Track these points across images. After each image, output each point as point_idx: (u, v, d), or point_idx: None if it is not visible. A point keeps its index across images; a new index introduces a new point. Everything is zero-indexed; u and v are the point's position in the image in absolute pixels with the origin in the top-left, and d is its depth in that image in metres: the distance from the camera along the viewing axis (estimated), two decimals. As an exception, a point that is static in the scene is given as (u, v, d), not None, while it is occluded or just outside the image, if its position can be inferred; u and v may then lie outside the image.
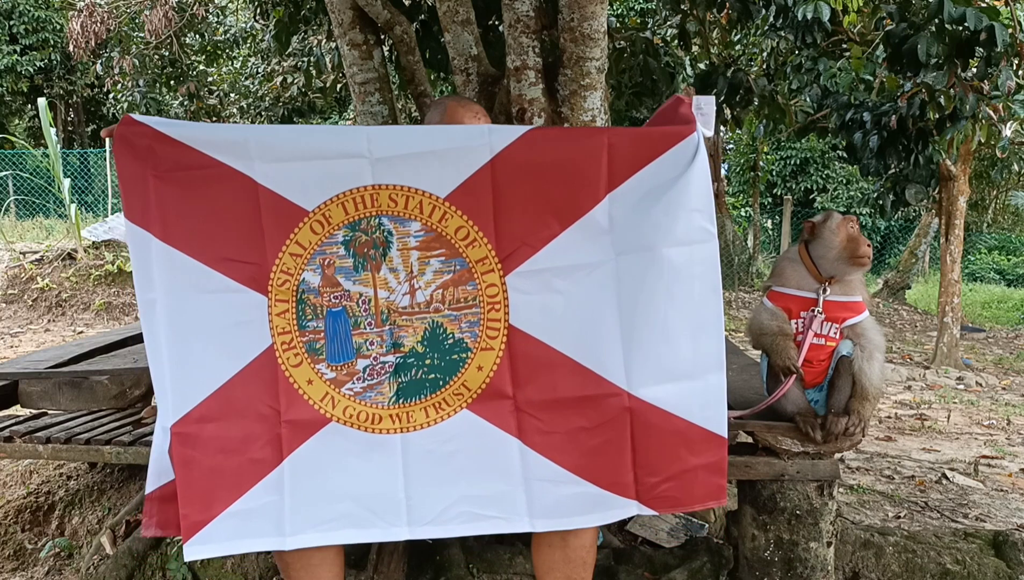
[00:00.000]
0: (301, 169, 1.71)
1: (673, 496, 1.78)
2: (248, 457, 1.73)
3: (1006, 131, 6.71)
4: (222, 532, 1.72)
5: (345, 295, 1.75)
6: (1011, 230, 18.32)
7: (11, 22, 15.94)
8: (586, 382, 1.75)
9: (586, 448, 1.76)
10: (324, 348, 1.76)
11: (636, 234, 1.73)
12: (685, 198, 1.70)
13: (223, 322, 1.73)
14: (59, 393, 2.51)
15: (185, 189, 1.70)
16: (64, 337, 7.24)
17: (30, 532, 2.87)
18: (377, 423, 1.77)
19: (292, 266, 1.73)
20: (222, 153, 1.69)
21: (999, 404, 5.93)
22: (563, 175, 1.73)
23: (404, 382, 1.77)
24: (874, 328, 2.08)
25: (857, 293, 2.09)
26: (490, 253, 1.74)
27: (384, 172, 1.71)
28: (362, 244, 1.74)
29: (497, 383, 1.77)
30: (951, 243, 7.26)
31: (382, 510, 1.76)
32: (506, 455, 1.77)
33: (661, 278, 1.72)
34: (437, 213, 1.73)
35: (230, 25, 8.65)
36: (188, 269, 1.70)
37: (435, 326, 1.76)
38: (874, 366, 2.03)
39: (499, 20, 3.58)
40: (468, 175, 1.71)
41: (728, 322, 9.29)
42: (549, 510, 1.77)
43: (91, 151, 15.56)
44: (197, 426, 1.71)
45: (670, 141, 1.72)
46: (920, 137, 4.43)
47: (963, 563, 2.43)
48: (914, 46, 3.43)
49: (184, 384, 1.73)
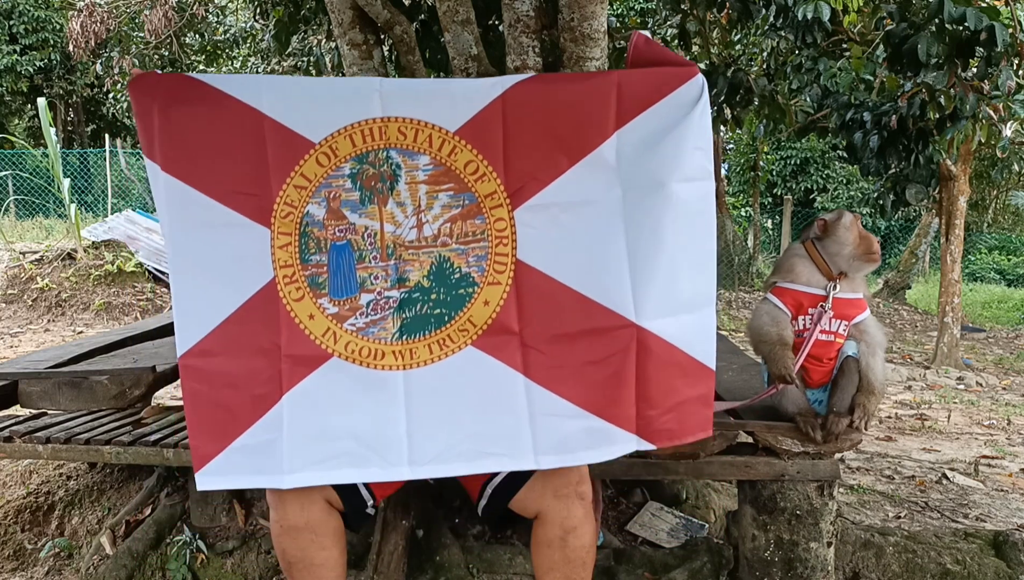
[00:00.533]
0: (309, 101, 1.71)
1: (670, 429, 1.79)
2: (251, 392, 1.73)
3: (1006, 131, 6.70)
4: (228, 466, 1.72)
5: (350, 228, 1.73)
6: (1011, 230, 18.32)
7: (11, 22, 15.95)
8: (594, 315, 1.75)
9: (592, 381, 1.76)
10: (327, 282, 1.74)
11: (643, 170, 1.75)
12: (689, 136, 1.74)
13: (226, 255, 1.72)
14: (59, 393, 2.50)
15: (189, 120, 1.70)
16: (64, 337, 7.24)
17: (30, 532, 2.87)
18: (379, 359, 1.74)
19: (296, 198, 1.71)
20: (230, 87, 1.70)
21: (999, 404, 5.93)
22: (573, 112, 1.74)
23: (408, 317, 1.74)
24: (876, 326, 2.11)
25: (861, 290, 2.13)
26: (499, 188, 1.74)
27: (394, 104, 1.70)
28: (369, 177, 1.73)
29: (503, 318, 1.75)
30: (951, 243, 7.26)
31: (383, 448, 1.73)
32: (512, 391, 1.75)
33: (667, 213, 1.74)
34: (447, 147, 1.72)
35: (230, 25, 8.65)
36: (193, 201, 1.70)
37: (442, 260, 1.75)
38: (878, 361, 2.07)
39: (499, 20, 3.58)
40: (478, 109, 1.71)
41: (728, 322, 9.28)
42: (555, 446, 1.75)
43: (91, 151, 15.56)
44: (202, 359, 1.72)
45: (677, 81, 1.75)
46: (920, 137, 4.43)
47: (963, 563, 2.43)
48: (914, 46, 3.43)
49: (190, 317, 1.73)
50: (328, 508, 1.84)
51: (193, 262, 1.72)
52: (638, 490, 2.86)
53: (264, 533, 2.54)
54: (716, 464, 2.20)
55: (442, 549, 2.42)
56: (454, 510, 2.59)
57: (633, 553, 2.48)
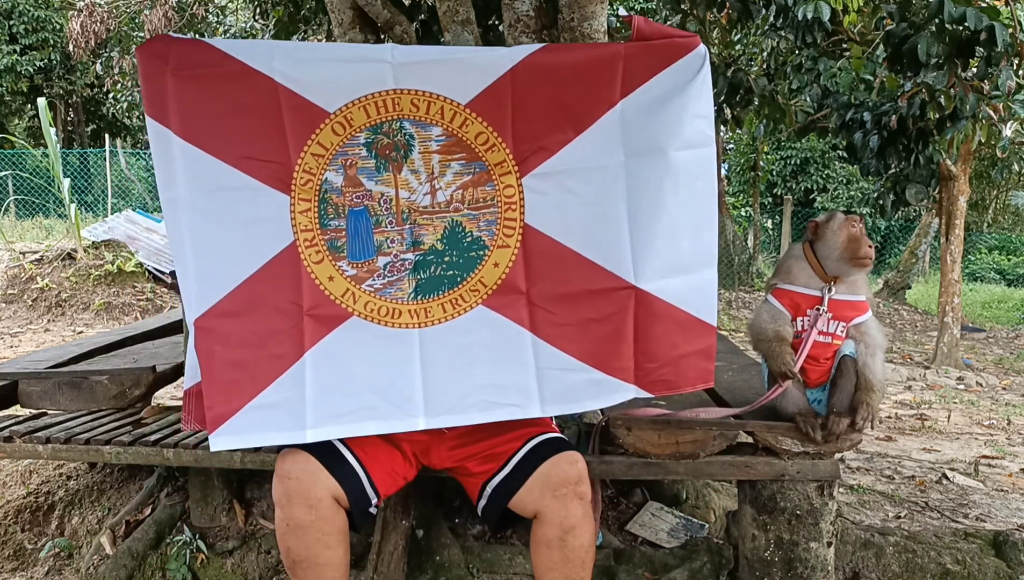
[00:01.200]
0: (323, 70, 1.75)
1: (668, 380, 1.89)
2: (269, 351, 1.78)
3: (1006, 131, 6.71)
4: (245, 425, 1.77)
5: (367, 195, 1.81)
6: (1011, 230, 18.33)
7: (11, 22, 15.95)
8: (596, 277, 1.85)
9: (593, 337, 1.86)
10: (345, 246, 1.81)
11: (646, 137, 1.82)
12: (691, 104, 1.81)
13: (245, 218, 1.77)
14: (59, 393, 2.50)
15: (204, 87, 1.73)
16: (64, 337, 7.24)
17: (30, 532, 2.87)
18: (396, 318, 1.83)
19: (314, 166, 1.77)
20: (243, 54, 1.73)
21: (999, 404, 5.93)
22: (579, 82, 1.80)
23: (423, 279, 1.83)
24: (877, 327, 2.11)
25: (862, 292, 2.12)
26: (508, 157, 1.82)
27: (406, 76, 1.76)
28: (384, 146, 1.79)
29: (512, 279, 1.85)
30: (951, 243, 7.26)
31: (400, 401, 1.81)
32: (520, 346, 1.85)
33: (668, 179, 1.82)
34: (458, 119, 1.79)
35: (230, 25, 8.65)
36: (209, 166, 1.74)
37: (454, 224, 1.83)
38: (877, 361, 2.07)
39: (499, 20, 3.57)
40: (489, 83, 1.77)
41: (728, 322, 9.28)
42: (559, 396, 1.86)
43: (91, 151, 15.56)
44: (219, 320, 1.76)
45: (680, 52, 1.81)
46: (920, 137, 4.44)
47: (963, 563, 2.43)
48: (914, 46, 3.43)
49: (207, 279, 1.77)
50: (335, 506, 1.84)
51: (210, 226, 1.76)
52: (638, 490, 2.86)
53: (264, 533, 2.54)
54: (716, 464, 2.20)
55: (442, 549, 2.42)
56: (454, 510, 2.59)
57: (633, 553, 2.48)
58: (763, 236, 16.21)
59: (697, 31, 4.69)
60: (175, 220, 1.76)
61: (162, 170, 1.76)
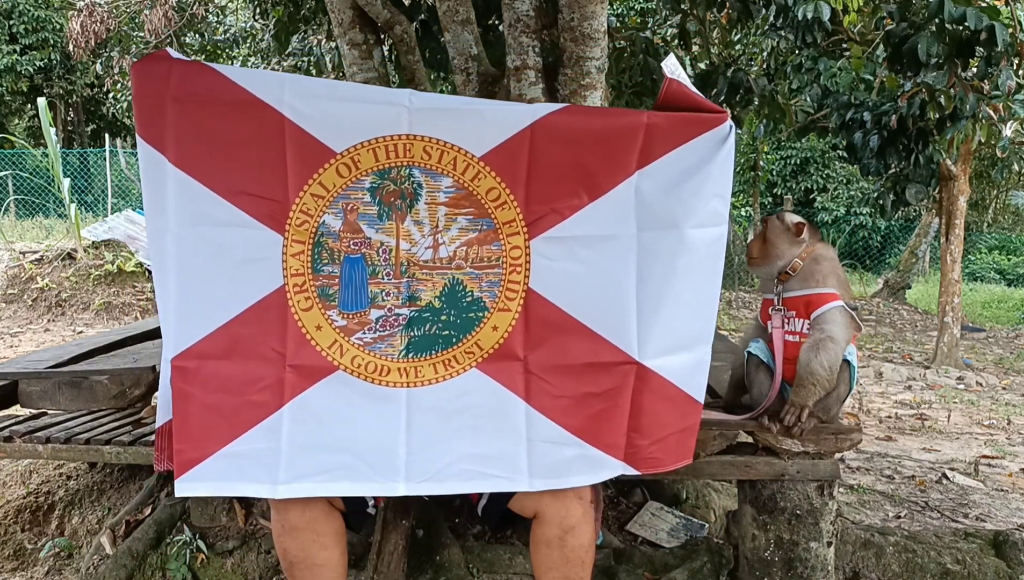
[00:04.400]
0: (334, 108, 1.67)
1: (656, 458, 1.84)
2: (247, 398, 1.70)
3: (1006, 131, 6.70)
4: (215, 472, 1.70)
5: (366, 242, 1.73)
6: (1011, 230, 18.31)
7: (11, 22, 15.95)
8: (598, 349, 1.78)
9: (589, 412, 1.79)
10: (337, 294, 1.73)
11: (660, 212, 1.76)
12: (709, 183, 1.76)
13: (234, 257, 1.69)
14: (59, 393, 2.50)
15: (206, 115, 1.65)
16: (64, 337, 7.24)
17: (30, 532, 2.87)
18: (384, 375, 1.74)
19: (313, 207, 1.69)
20: (251, 84, 1.65)
21: (999, 404, 5.93)
22: (599, 148, 1.74)
23: (416, 336, 1.75)
24: (835, 321, 2.06)
25: (823, 284, 2.10)
26: (518, 216, 1.75)
27: (422, 122, 1.68)
28: (389, 193, 1.71)
29: (510, 344, 1.77)
30: (951, 243, 7.25)
31: (380, 464, 1.74)
32: (512, 415, 1.77)
33: (679, 256, 1.76)
34: (471, 171, 1.72)
35: (230, 25, 8.64)
36: (202, 199, 1.66)
37: (455, 282, 1.76)
38: (820, 355, 2.03)
39: (499, 20, 3.57)
40: (507, 137, 1.70)
41: (728, 322, 9.29)
42: (548, 470, 1.79)
43: (91, 151, 15.57)
44: (198, 361, 1.69)
45: (704, 126, 1.75)
46: (920, 137, 4.43)
47: (963, 563, 2.43)
48: (914, 46, 3.43)
49: (188, 316, 1.69)
50: (329, 508, 1.84)
51: (196, 260, 1.68)
52: (638, 490, 2.86)
53: (264, 533, 2.54)
54: (716, 464, 2.20)
55: (442, 549, 2.42)
56: (454, 510, 2.59)
57: (633, 553, 2.48)
58: (763, 236, 16.20)
59: (697, 31, 4.69)
60: (161, 251, 1.68)
61: (151, 196, 1.67)
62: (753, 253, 2.18)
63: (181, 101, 1.64)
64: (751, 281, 12.11)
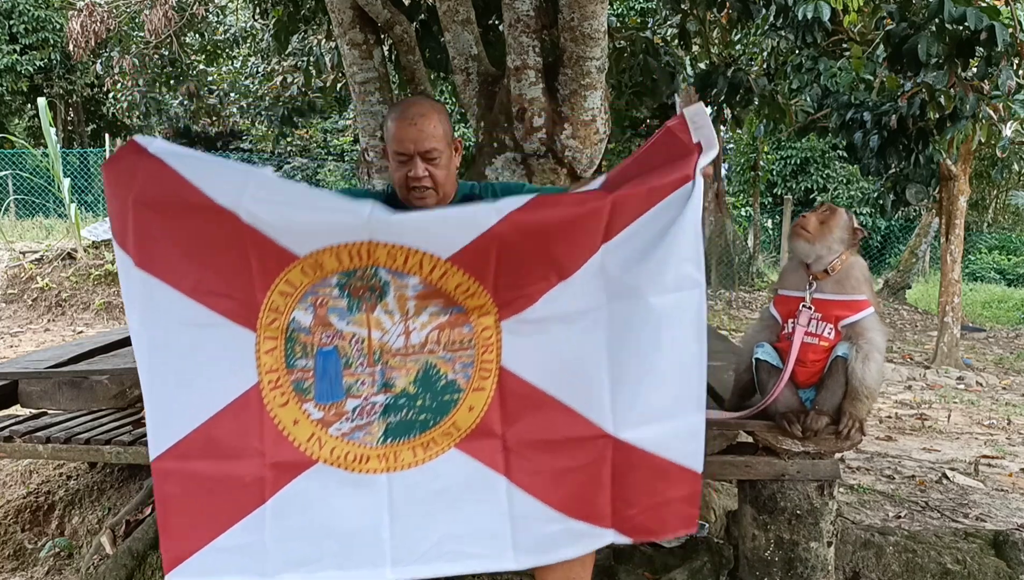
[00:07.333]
0: (292, 215, 1.63)
1: (647, 526, 1.82)
2: (229, 496, 1.70)
3: (1006, 131, 6.71)
4: (203, 566, 1.70)
5: (338, 334, 1.71)
6: (1011, 230, 18.31)
7: (11, 22, 15.95)
8: (574, 424, 1.77)
9: (570, 486, 1.78)
10: (312, 387, 1.71)
11: (628, 282, 1.74)
12: (676, 247, 1.72)
13: (207, 356, 1.68)
14: (59, 393, 2.50)
15: (167, 217, 1.63)
16: (64, 337, 7.24)
17: (30, 532, 2.87)
18: (364, 463, 1.74)
19: (282, 304, 1.67)
20: (211, 187, 1.61)
21: (999, 404, 5.93)
22: (565, 235, 1.72)
23: (393, 422, 1.74)
24: (875, 328, 2.06)
25: (857, 291, 2.08)
26: (488, 301, 1.73)
27: (383, 232, 1.64)
28: (357, 288, 1.69)
29: (487, 422, 1.77)
30: (951, 243, 7.25)
31: (366, 550, 1.74)
32: (494, 493, 1.77)
33: (649, 324, 1.73)
34: (438, 271, 1.69)
35: (230, 24, 8.64)
36: (171, 300, 1.65)
37: (428, 367, 1.75)
38: (870, 366, 2.02)
39: (499, 20, 3.57)
40: (475, 237, 1.66)
41: (728, 322, 9.28)
42: (533, 546, 1.78)
43: (91, 151, 15.57)
44: (178, 462, 1.69)
45: (665, 191, 1.72)
46: (920, 137, 4.44)
47: (963, 563, 2.43)
48: (914, 46, 3.43)
49: (167, 418, 1.69)
50: None
51: (170, 361, 1.68)
52: (638, 490, 2.86)
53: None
54: (716, 464, 2.20)
55: None
56: None
57: (633, 553, 2.48)
58: (763, 236, 16.20)
59: (697, 31, 4.70)
60: (139, 352, 1.68)
61: (127, 298, 1.68)
62: (808, 227, 2.08)
63: (143, 204, 1.62)
64: (751, 281, 12.11)
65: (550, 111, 3.09)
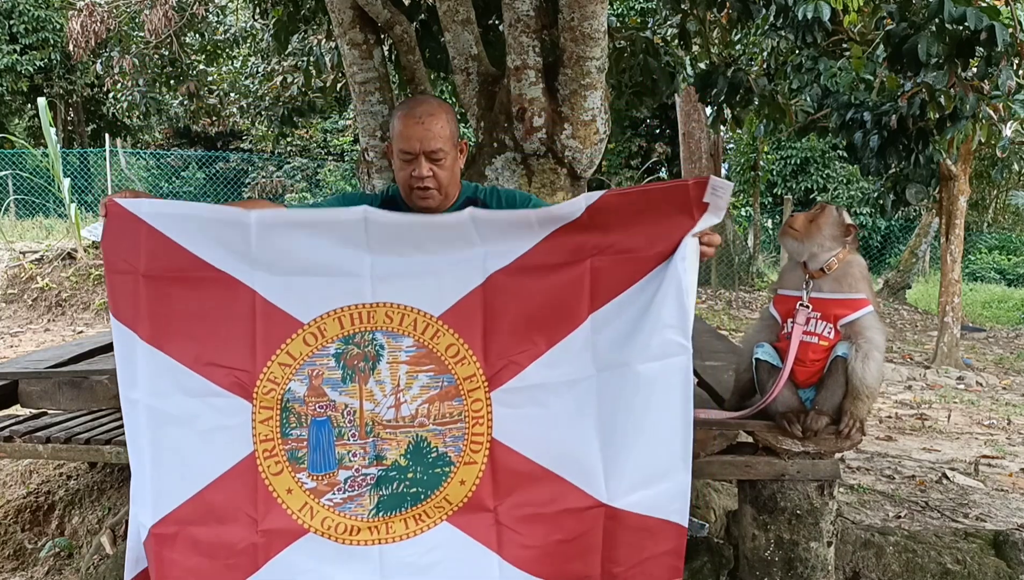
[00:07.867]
0: (303, 282, 1.71)
1: None
2: (224, 562, 1.73)
3: (1006, 131, 6.70)
4: None
5: (331, 405, 1.75)
6: (1011, 230, 18.31)
7: (11, 22, 15.94)
8: (566, 495, 1.79)
9: (562, 558, 1.80)
10: (306, 457, 1.75)
11: (615, 352, 1.77)
12: (661, 316, 1.74)
13: (205, 425, 1.72)
14: (59, 393, 2.50)
15: (177, 292, 1.69)
16: (64, 337, 7.24)
17: (30, 532, 2.87)
18: (355, 535, 1.77)
19: (280, 376, 1.72)
20: (219, 258, 1.68)
21: (999, 404, 5.93)
22: (547, 301, 1.76)
23: (385, 495, 1.77)
24: (874, 326, 2.06)
25: (855, 290, 2.08)
26: (478, 370, 1.77)
27: (385, 291, 1.72)
28: (353, 357, 1.74)
29: (479, 496, 1.79)
30: (951, 243, 7.25)
31: None
32: (485, 569, 1.79)
33: (638, 392, 1.76)
34: (430, 331, 1.75)
35: (230, 25, 8.64)
36: (172, 371, 1.70)
37: (419, 440, 1.77)
38: (869, 366, 2.02)
39: (499, 20, 3.58)
40: (462, 295, 1.74)
41: (728, 322, 9.28)
42: None
43: (91, 151, 15.56)
44: (176, 527, 1.72)
45: (651, 264, 1.76)
46: (920, 137, 4.44)
47: (963, 563, 2.43)
48: (914, 46, 3.43)
49: (165, 484, 1.73)
50: None
51: (169, 429, 1.72)
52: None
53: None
54: (716, 464, 2.20)
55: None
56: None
57: (633, 553, 2.48)
58: (763, 236, 16.19)
59: (697, 31, 4.69)
60: (135, 421, 1.73)
61: (123, 370, 1.72)
62: (796, 226, 2.10)
63: (152, 279, 1.68)
64: (751, 281, 12.11)
65: (550, 111, 3.09)
